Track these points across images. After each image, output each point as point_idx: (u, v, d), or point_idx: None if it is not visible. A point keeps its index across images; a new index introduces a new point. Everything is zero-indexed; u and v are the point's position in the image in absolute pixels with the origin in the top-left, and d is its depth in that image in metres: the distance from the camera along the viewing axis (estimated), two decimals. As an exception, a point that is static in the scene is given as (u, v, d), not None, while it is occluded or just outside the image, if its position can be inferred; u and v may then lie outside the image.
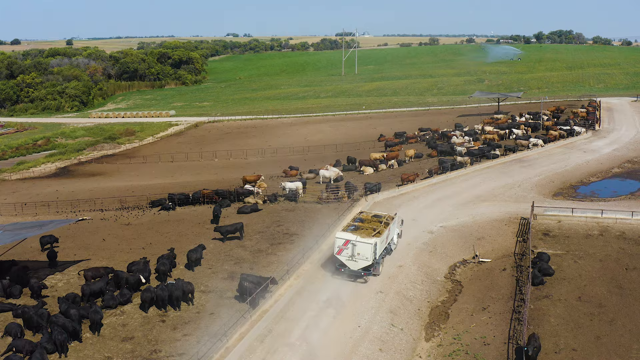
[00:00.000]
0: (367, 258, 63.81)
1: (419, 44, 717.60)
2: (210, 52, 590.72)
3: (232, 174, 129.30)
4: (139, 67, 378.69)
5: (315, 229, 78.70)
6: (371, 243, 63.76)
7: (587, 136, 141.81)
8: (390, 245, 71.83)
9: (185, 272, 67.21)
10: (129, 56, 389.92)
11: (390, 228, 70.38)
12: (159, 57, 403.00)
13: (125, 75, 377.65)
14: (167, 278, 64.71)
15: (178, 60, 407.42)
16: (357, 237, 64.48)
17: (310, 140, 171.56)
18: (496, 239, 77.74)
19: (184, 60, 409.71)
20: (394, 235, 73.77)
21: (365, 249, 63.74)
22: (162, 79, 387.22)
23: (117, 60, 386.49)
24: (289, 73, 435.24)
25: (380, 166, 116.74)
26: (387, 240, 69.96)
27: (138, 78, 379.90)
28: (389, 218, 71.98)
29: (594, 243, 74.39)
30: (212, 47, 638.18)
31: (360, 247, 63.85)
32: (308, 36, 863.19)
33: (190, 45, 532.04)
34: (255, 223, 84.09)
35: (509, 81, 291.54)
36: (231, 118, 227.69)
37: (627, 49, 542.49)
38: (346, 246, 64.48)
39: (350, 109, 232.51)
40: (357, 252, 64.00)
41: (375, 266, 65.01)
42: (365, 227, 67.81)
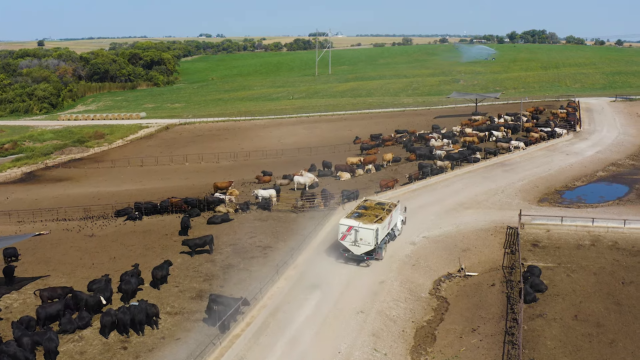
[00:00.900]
0: (369, 243, 67.16)
1: (392, 44, 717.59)
2: (183, 52, 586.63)
3: (203, 179, 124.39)
4: (110, 68, 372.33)
5: (291, 240, 73.98)
6: (373, 229, 66.93)
7: (569, 138, 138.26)
8: (393, 231, 75.56)
9: (150, 291, 62.16)
10: (99, 57, 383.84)
11: (393, 215, 73.50)
12: (130, 57, 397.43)
13: (96, 76, 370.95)
14: (132, 298, 59.82)
15: (150, 61, 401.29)
16: (360, 224, 67.73)
17: (284, 143, 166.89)
18: (482, 250, 73.18)
19: (155, 61, 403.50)
20: (397, 221, 76.95)
21: (368, 235, 67.02)
22: (134, 80, 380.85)
23: (88, 61, 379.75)
24: (262, 74, 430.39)
25: (358, 171, 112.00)
26: (390, 227, 73.14)
27: (109, 79, 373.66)
28: (392, 205, 75.13)
29: (587, 254, 70.07)
30: (185, 47, 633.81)
31: (362, 232, 67.14)
32: (281, 36, 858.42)
33: (163, 45, 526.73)
34: (226, 234, 79.13)
35: (485, 81, 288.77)
36: (203, 120, 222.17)
37: (601, 49, 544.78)
38: (349, 232, 67.83)
39: (324, 110, 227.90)
40: (359, 238, 67.32)
41: (377, 251, 68.28)
42: (368, 214, 70.98)
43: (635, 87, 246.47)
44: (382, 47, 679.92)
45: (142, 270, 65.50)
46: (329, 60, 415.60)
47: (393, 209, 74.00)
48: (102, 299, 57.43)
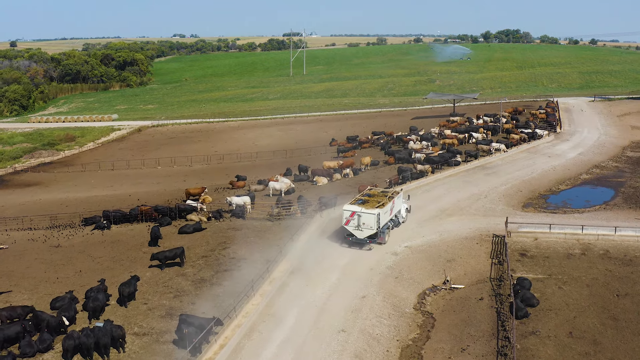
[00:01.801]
0: (371, 227, 71.03)
1: (367, 44, 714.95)
2: (156, 53, 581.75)
3: (176, 184, 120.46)
4: (82, 69, 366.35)
5: (266, 251, 69.94)
6: (374, 213, 70.85)
7: (550, 139, 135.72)
8: (397, 218, 79.51)
9: (117, 309, 58.04)
10: (71, 58, 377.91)
11: (395, 201, 77.26)
12: (102, 58, 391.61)
13: (67, 77, 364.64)
14: (99, 316, 55.80)
15: (122, 61, 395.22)
16: (362, 209, 71.78)
17: (259, 145, 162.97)
18: (468, 260, 69.51)
19: (128, 62, 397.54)
20: (401, 209, 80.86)
21: (369, 219, 70.93)
22: (106, 81, 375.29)
23: (60, 62, 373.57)
24: (237, 74, 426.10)
25: (335, 176, 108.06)
26: (392, 213, 76.68)
27: (81, 80, 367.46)
28: (395, 193, 79.68)
29: (578, 264, 66.73)
30: (158, 48, 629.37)
31: (364, 217, 71.12)
32: (255, 36, 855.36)
33: (136, 46, 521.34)
34: (199, 245, 75.08)
35: (461, 81, 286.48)
36: (176, 122, 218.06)
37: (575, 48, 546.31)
38: (352, 217, 71.79)
39: (299, 111, 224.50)
40: (362, 222, 71.28)
41: (379, 235, 72.03)
42: (371, 201, 74.84)
43: (612, 86, 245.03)
44: (356, 47, 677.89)
45: (109, 286, 61.45)
46: (303, 60, 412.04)
47: (395, 196, 77.67)
48: (65, 319, 53.28)
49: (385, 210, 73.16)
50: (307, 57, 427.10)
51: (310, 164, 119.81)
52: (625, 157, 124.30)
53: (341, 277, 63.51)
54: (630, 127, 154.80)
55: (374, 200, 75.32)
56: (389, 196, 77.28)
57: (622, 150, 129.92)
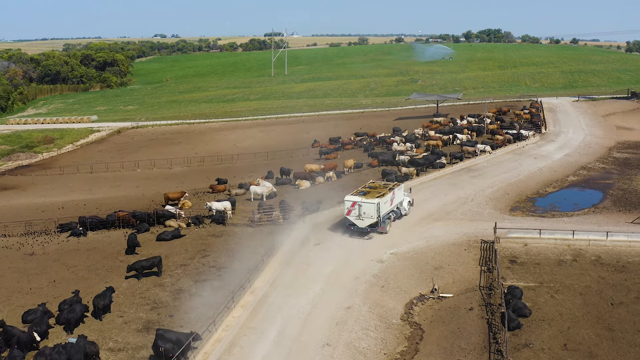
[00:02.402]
0: (372, 216, 74.16)
1: (348, 44, 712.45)
2: (137, 53, 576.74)
3: (155, 187, 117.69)
4: (61, 69, 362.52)
5: (247, 260, 67.19)
6: (374, 203, 73.95)
7: (535, 140, 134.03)
8: (399, 210, 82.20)
9: (91, 322, 55.24)
10: (51, 59, 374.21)
11: (396, 193, 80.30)
12: (82, 59, 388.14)
13: (47, 78, 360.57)
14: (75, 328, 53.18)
15: (103, 62, 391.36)
16: (362, 199, 74.91)
17: (240, 147, 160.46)
18: (456, 268, 67.09)
19: (108, 62, 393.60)
20: (402, 200, 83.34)
21: (370, 209, 73.99)
22: (86, 82, 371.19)
23: (39, 63, 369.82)
24: (218, 74, 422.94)
25: (318, 179, 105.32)
26: (393, 203, 79.54)
27: (61, 81, 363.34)
28: (395, 185, 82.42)
29: (569, 271, 64.54)
30: (139, 48, 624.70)
31: (365, 207, 74.14)
32: (237, 36, 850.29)
33: (117, 46, 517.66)
34: (177, 253, 72.31)
35: (443, 81, 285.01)
36: (156, 123, 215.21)
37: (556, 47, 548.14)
38: (353, 207, 74.84)
39: (281, 111, 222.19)
40: (363, 212, 74.31)
41: (380, 224, 75.17)
42: (372, 192, 77.78)
43: (596, 86, 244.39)
44: (338, 46, 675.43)
45: (83, 297, 58.65)
46: (285, 60, 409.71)
47: (396, 188, 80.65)
48: (36, 334, 50.60)
49: (385, 200, 76.15)
50: (288, 57, 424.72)
51: (292, 166, 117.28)
52: (611, 158, 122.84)
53: (325, 287, 61.08)
54: (615, 127, 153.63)
55: (376, 191, 77.95)
56: (389, 188, 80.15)
57: (608, 151, 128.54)
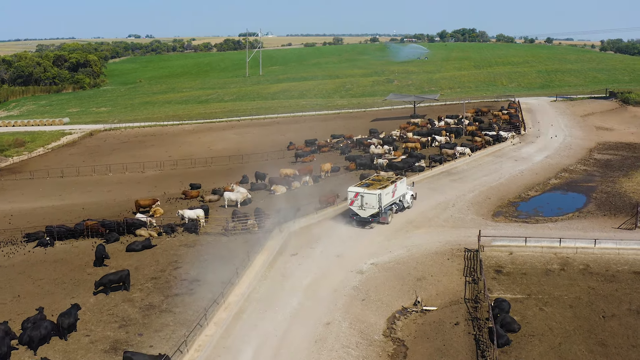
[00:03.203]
0: (373, 206, 77.68)
1: (323, 44, 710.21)
2: (111, 54, 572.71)
3: (127, 192, 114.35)
4: (34, 71, 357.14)
5: (221, 272, 63.65)
6: (376, 194, 77.62)
7: (515, 142, 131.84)
8: (402, 202, 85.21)
9: (56, 342, 51.48)
10: (23, 60, 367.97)
11: (398, 185, 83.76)
12: (55, 60, 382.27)
13: (19, 79, 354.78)
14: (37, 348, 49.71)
15: (76, 63, 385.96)
16: (365, 190, 78.69)
17: (214, 150, 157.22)
18: (440, 279, 63.92)
19: (81, 63, 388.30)
20: (405, 194, 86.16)
21: (371, 199, 77.63)
22: (59, 83, 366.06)
23: (11, 64, 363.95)
24: (192, 75, 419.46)
25: (294, 184, 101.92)
26: (395, 195, 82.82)
27: (33, 82, 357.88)
28: (398, 178, 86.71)
29: (558, 282, 61.70)
30: (113, 48, 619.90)
31: (367, 197, 77.82)
32: (211, 37, 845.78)
33: (90, 47, 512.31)
34: (148, 265, 68.73)
35: (419, 81, 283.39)
36: (129, 125, 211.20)
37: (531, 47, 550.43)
38: (356, 198, 78.59)
39: (256, 113, 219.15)
40: (365, 202, 77.91)
41: (382, 215, 78.78)
42: (375, 184, 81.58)
43: (573, 86, 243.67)
44: (313, 46, 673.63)
45: (48, 315, 55.02)
46: (259, 60, 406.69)
47: (398, 181, 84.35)
48: (-7, 358, 47.20)
49: (387, 191, 79.80)
50: (263, 58, 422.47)
51: (268, 169, 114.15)
52: (593, 159, 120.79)
53: (303, 301, 57.90)
54: (594, 127, 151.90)
55: (379, 183, 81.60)
56: (392, 180, 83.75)
57: (589, 153, 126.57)
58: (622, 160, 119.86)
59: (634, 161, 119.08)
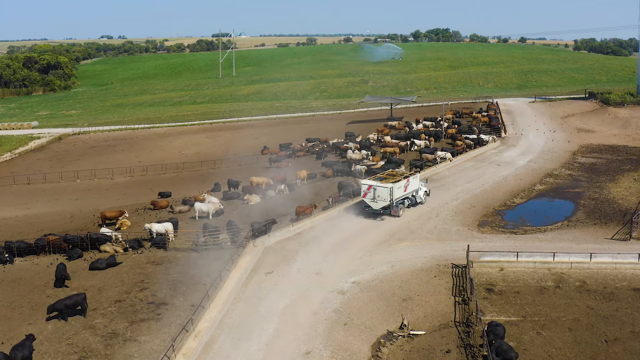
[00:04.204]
0: (385, 199, 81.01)
1: (296, 44, 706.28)
2: (83, 55, 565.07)
3: (95, 200, 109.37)
4: (3, 73, 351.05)
5: (191, 294, 58.81)
6: (387, 187, 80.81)
7: (496, 145, 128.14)
8: (415, 198, 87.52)
9: (6, 378, 46.76)
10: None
11: (411, 181, 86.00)
12: (25, 61, 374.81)
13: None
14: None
15: (46, 64, 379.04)
16: (377, 183, 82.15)
17: (186, 155, 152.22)
18: (427, 299, 59.14)
19: (52, 65, 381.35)
20: (418, 190, 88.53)
21: (383, 192, 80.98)
22: (29, 85, 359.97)
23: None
24: (164, 76, 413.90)
25: (269, 193, 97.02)
26: (407, 190, 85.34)
27: (3, 85, 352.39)
28: (411, 174, 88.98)
29: (554, 301, 57.30)
30: (85, 50, 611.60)
31: (379, 190, 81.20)
32: (184, 37, 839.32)
33: (62, 48, 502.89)
34: (112, 285, 63.19)
35: (395, 82, 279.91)
36: (99, 129, 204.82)
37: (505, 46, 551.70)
38: (369, 190, 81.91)
39: (229, 115, 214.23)
40: (377, 195, 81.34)
41: (393, 208, 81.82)
42: (389, 178, 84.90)
43: (550, 86, 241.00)
44: (286, 47, 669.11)
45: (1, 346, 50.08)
46: (233, 61, 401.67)
47: (411, 177, 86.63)
48: None
49: (399, 186, 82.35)
50: (236, 58, 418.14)
51: (241, 176, 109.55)
52: (577, 163, 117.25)
53: (280, 326, 53.07)
54: (576, 129, 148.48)
55: (392, 178, 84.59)
56: (405, 176, 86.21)
57: (572, 156, 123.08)
58: (607, 164, 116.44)
59: (619, 165, 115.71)
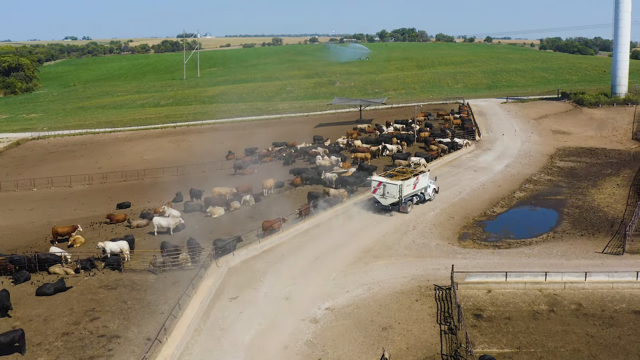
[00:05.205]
0: (394, 196, 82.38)
1: (262, 44, 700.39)
2: (46, 56, 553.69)
3: (50, 211, 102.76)
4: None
5: (146, 324, 52.35)
6: (397, 184, 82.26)
7: (471, 149, 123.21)
8: (424, 195, 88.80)
9: None
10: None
11: (420, 178, 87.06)
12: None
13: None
14: None
15: (7, 67, 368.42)
16: (387, 180, 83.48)
17: (148, 160, 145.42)
18: (409, 327, 52.93)
19: (13, 67, 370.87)
20: (427, 187, 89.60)
21: (393, 189, 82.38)
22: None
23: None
24: (128, 78, 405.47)
25: (233, 204, 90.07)
26: (416, 187, 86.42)
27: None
28: (421, 172, 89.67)
29: (549, 328, 51.66)
30: (48, 51, 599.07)
31: (389, 187, 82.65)
32: (149, 38, 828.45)
33: (24, 50, 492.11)
34: (60, 314, 56.00)
35: (362, 82, 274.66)
36: (58, 133, 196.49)
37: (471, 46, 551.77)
38: (379, 187, 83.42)
39: (193, 118, 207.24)
40: (387, 191, 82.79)
41: (402, 204, 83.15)
42: (398, 175, 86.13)
43: (521, 86, 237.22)
44: (252, 47, 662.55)
45: None
46: (197, 62, 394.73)
47: (420, 175, 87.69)
48: None
49: (408, 183, 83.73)
50: (201, 59, 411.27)
51: (205, 184, 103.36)
52: (556, 167, 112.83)
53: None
54: (551, 131, 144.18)
55: (402, 175, 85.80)
56: (414, 173, 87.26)
57: (550, 160, 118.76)
58: (587, 168, 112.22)
59: (599, 169, 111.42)
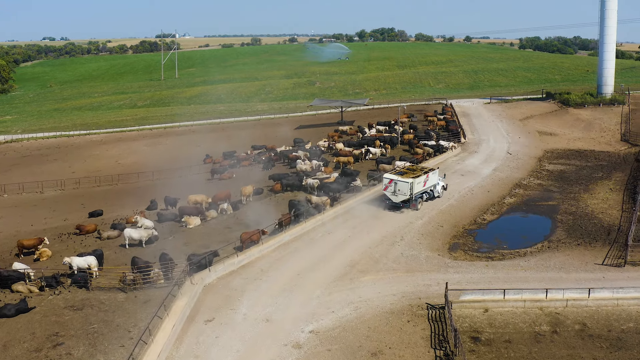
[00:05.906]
0: (405, 194, 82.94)
1: (241, 45, 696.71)
2: (23, 57, 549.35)
3: (20, 219, 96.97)
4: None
5: (114, 351, 47.36)
6: (408, 182, 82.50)
7: (457, 152, 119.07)
8: (433, 192, 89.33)
9: None
10: None
11: (430, 176, 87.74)
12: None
13: None
14: None
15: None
16: (398, 177, 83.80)
17: (123, 165, 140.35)
18: (401, 353, 48.29)
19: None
20: (437, 184, 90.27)
21: (404, 186, 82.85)
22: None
23: None
24: (105, 79, 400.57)
25: (210, 213, 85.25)
26: (426, 185, 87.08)
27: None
28: (431, 170, 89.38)
29: (553, 352, 47.39)
30: (25, 52, 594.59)
31: (400, 184, 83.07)
32: (127, 38, 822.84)
33: (1, 51, 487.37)
34: (20, 340, 50.81)
35: (343, 82, 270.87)
36: (32, 136, 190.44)
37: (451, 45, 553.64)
38: (390, 184, 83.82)
39: (170, 120, 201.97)
40: (398, 189, 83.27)
41: (412, 201, 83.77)
42: (409, 173, 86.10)
43: (504, 86, 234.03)
44: (230, 47, 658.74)
45: None
46: (175, 62, 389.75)
47: (430, 172, 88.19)
48: None
49: (419, 181, 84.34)
50: (179, 59, 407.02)
51: (181, 190, 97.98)
52: (545, 171, 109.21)
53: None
54: (537, 132, 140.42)
55: (412, 173, 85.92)
56: (425, 171, 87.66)
57: (538, 163, 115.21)
58: (577, 171, 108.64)
59: (590, 172, 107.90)
